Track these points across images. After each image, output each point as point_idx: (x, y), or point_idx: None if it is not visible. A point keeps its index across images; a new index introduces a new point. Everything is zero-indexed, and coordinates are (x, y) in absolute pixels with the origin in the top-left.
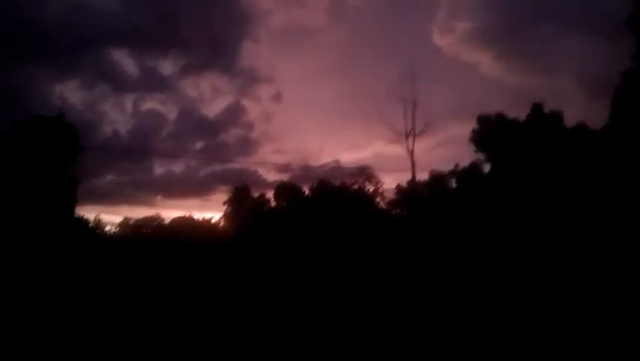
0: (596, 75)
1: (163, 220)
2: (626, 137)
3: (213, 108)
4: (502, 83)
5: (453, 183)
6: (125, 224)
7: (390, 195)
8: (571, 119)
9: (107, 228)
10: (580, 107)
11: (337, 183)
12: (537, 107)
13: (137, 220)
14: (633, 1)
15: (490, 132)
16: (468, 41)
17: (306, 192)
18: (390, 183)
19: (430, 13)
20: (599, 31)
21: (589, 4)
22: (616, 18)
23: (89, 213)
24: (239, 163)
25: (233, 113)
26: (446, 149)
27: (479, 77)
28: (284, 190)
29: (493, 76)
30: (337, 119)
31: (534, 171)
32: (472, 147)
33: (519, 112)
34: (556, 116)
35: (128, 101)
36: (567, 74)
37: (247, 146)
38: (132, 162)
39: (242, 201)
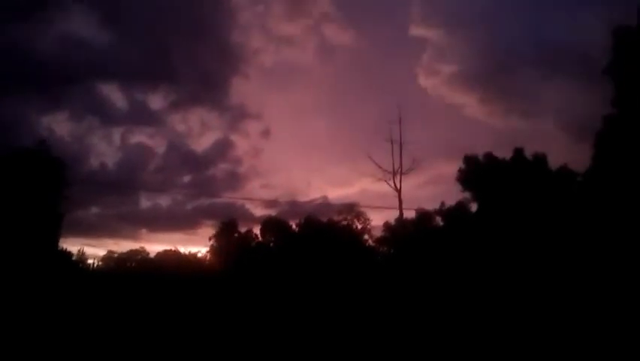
0: (576, 118)
1: (148, 254)
2: (609, 180)
3: (202, 143)
4: (487, 124)
5: (440, 221)
6: (108, 257)
7: (377, 233)
8: (554, 160)
9: (90, 261)
10: (562, 149)
11: (325, 219)
12: (519, 151)
13: (122, 254)
14: (613, 50)
15: (477, 172)
16: (453, 84)
17: (294, 228)
18: (377, 220)
19: (416, 55)
20: (579, 76)
21: (569, 50)
22: (595, 63)
23: (72, 245)
24: (226, 198)
25: (222, 148)
26: (432, 187)
27: (464, 118)
28: (271, 225)
29: (477, 117)
30: (325, 156)
31: (519, 212)
32: (459, 186)
33: (503, 153)
34: (540, 159)
35: (117, 134)
36: (549, 117)
37: (235, 180)
38: (118, 195)
39: (229, 235)
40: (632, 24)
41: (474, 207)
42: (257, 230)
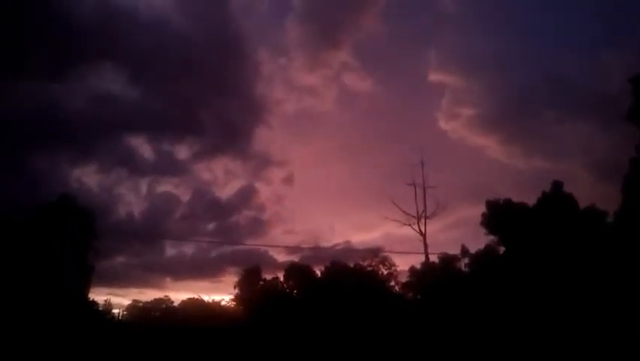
0: (598, 160)
1: (172, 302)
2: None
3: (226, 191)
4: (508, 165)
5: (463, 266)
6: (133, 306)
7: (402, 278)
8: (580, 201)
9: (116, 310)
10: (585, 190)
11: (349, 264)
12: (557, 185)
13: (146, 303)
14: (633, 94)
15: (500, 216)
16: (473, 126)
17: (318, 273)
18: (401, 265)
19: (435, 100)
20: (599, 117)
21: (589, 90)
22: (616, 104)
23: (98, 295)
24: (250, 245)
25: (246, 195)
26: (455, 230)
27: (485, 160)
28: (294, 271)
29: (498, 159)
30: (348, 201)
31: (548, 254)
32: (482, 230)
33: (525, 194)
34: (568, 198)
35: (143, 184)
36: (571, 158)
37: (258, 227)
38: (143, 244)
39: (252, 282)
40: None
41: (501, 250)
42: (281, 276)
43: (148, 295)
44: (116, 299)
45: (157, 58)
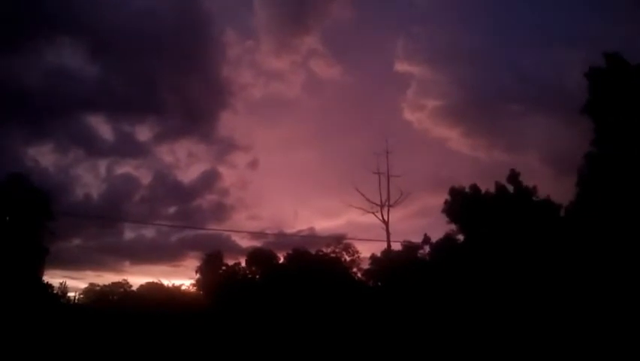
0: (557, 152)
1: (130, 286)
2: (591, 214)
3: (188, 174)
4: (471, 157)
5: (425, 253)
6: (90, 290)
7: (365, 265)
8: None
9: (72, 294)
10: (544, 182)
11: (313, 251)
12: (514, 175)
13: (104, 286)
14: (588, 90)
15: (462, 204)
16: (437, 118)
17: (281, 259)
18: (364, 251)
19: (402, 89)
20: (559, 111)
21: (550, 86)
22: (575, 99)
23: (54, 278)
24: (212, 229)
25: (209, 179)
26: (418, 219)
27: (449, 151)
28: (257, 257)
29: (461, 150)
30: (312, 188)
31: (505, 242)
32: (445, 218)
33: (486, 185)
34: (527, 190)
35: (102, 165)
36: (531, 151)
37: (222, 212)
38: (102, 227)
39: (214, 267)
40: (604, 65)
41: (461, 238)
42: (243, 261)
43: (106, 278)
44: (73, 282)
45: (119, 34)
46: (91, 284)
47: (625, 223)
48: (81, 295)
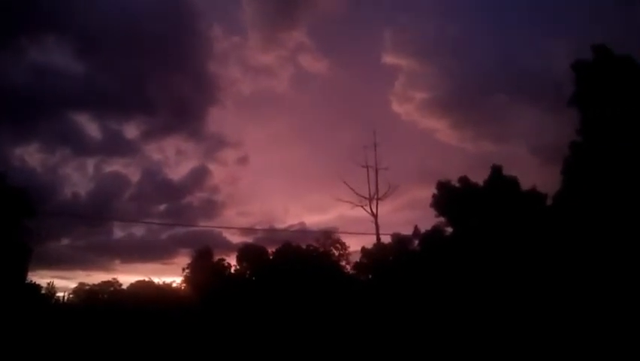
0: (545, 143)
1: (121, 285)
2: (576, 203)
3: (178, 172)
4: (459, 148)
5: (415, 246)
6: (80, 290)
7: (355, 258)
8: (524, 183)
9: (60, 294)
10: (532, 172)
11: (303, 246)
12: (497, 170)
13: (94, 286)
14: (575, 82)
15: (450, 197)
16: (426, 110)
17: (271, 255)
18: (354, 245)
19: (390, 82)
20: (547, 102)
21: (538, 77)
22: (562, 90)
23: (42, 278)
24: (202, 226)
25: (198, 176)
26: (408, 211)
27: (437, 143)
28: (247, 253)
29: (450, 142)
30: (302, 183)
31: (491, 235)
32: (433, 211)
33: (476, 176)
34: (512, 181)
35: (90, 164)
36: (519, 142)
37: (212, 208)
38: (91, 226)
39: (204, 264)
40: (590, 58)
41: (449, 231)
42: (234, 257)
43: (95, 278)
44: (62, 282)
45: (105, 31)
46: (80, 284)
47: (609, 212)
48: (70, 295)
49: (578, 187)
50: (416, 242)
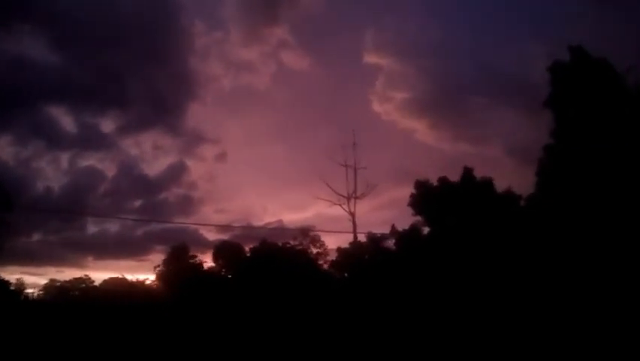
0: (521, 144)
1: (93, 282)
2: (550, 205)
3: (155, 167)
4: (437, 149)
5: (392, 245)
6: (51, 286)
7: (333, 256)
8: (500, 184)
9: (30, 290)
10: (507, 174)
11: (280, 243)
12: (468, 171)
13: (65, 282)
14: (550, 84)
15: (427, 196)
16: (405, 110)
17: (248, 253)
18: (332, 243)
19: (370, 81)
20: (523, 104)
21: (514, 79)
22: (538, 93)
23: (11, 275)
24: (179, 223)
25: (176, 172)
26: (386, 211)
27: (416, 143)
28: (224, 250)
29: (428, 142)
30: (281, 180)
31: (466, 235)
32: (411, 210)
33: (454, 177)
34: (487, 182)
35: (64, 158)
36: (495, 143)
37: (189, 205)
38: (63, 221)
39: (179, 261)
40: (567, 59)
41: (426, 230)
42: (210, 255)
43: (67, 274)
44: (32, 279)
45: (82, 23)
46: (51, 280)
47: (581, 213)
48: (41, 292)
49: (551, 189)
50: (392, 241)
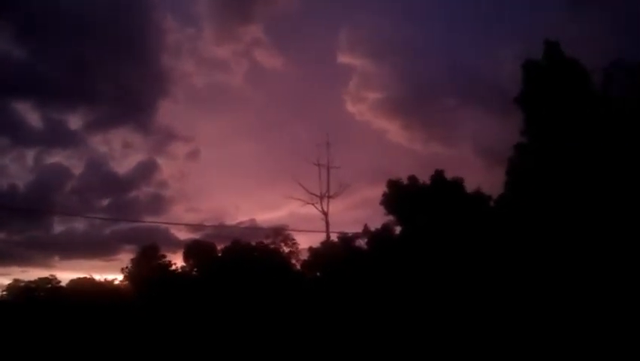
0: (491, 145)
1: (59, 282)
2: (519, 204)
3: (124, 165)
4: (409, 149)
5: (363, 244)
6: (14, 286)
7: (305, 255)
8: (470, 185)
9: None
10: (477, 174)
11: (253, 243)
12: (439, 172)
13: (29, 282)
14: (523, 82)
15: (399, 196)
16: (378, 110)
17: (220, 252)
18: (305, 242)
19: (344, 81)
20: (494, 105)
21: (485, 80)
22: (508, 93)
23: None
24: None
25: (146, 170)
26: (359, 210)
27: (388, 143)
28: (195, 250)
29: (400, 143)
30: (254, 179)
31: (438, 233)
32: (383, 210)
33: (425, 178)
34: (457, 183)
35: (29, 155)
36: (466, 144)
37: (159, 204)
38: (29, 220)
39: (149, 261)
40: (540, 58)
41: (398, 230)
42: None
43: (32, 274)
44: None
45: (50, 15)
46: (15, 280)
47: (551, 212)
48: (4, 292)
49: (521, 188)
50: (365, 240)
